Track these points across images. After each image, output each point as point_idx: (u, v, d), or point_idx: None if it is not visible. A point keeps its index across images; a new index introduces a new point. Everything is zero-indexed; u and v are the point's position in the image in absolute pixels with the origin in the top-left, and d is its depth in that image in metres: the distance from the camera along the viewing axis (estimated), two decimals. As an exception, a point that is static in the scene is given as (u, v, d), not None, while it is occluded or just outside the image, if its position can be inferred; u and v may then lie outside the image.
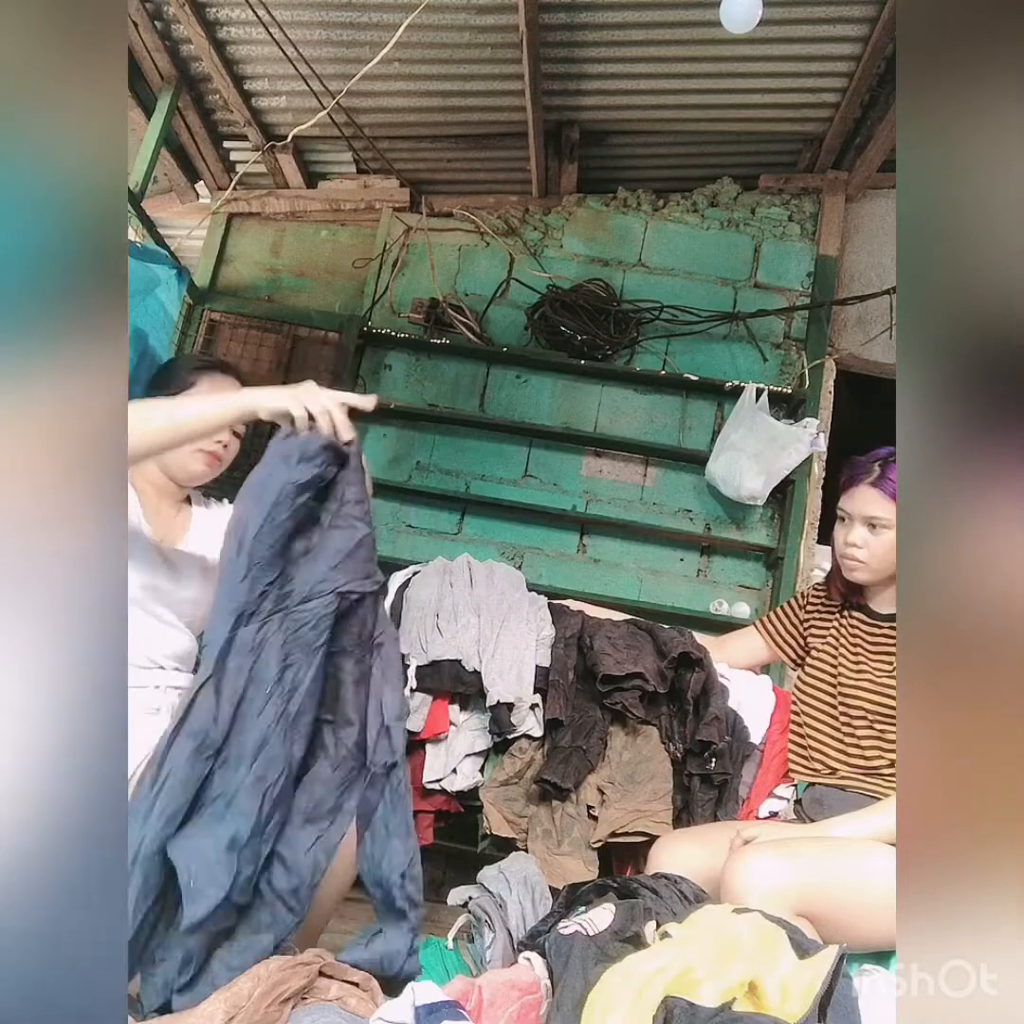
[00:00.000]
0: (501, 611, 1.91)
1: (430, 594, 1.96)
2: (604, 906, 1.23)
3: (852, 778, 1.62)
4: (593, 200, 3.71)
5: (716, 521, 3.45)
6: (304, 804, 1.30)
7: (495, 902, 1.38)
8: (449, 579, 2.03)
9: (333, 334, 3.65)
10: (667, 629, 1.90)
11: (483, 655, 1.81)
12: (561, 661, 1.84)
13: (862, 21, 2.88)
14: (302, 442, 1.33)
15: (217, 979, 1.17)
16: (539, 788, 1.75)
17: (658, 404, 3.53)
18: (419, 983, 1.06)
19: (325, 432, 1.33)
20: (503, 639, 1.85)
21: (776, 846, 1.44)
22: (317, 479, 1.35)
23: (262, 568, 1.30)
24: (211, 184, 3.84)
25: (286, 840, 1.27)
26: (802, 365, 3.46)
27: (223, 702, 1.24)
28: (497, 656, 1.81)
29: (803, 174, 3.65)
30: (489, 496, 3.45)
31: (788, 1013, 0.97)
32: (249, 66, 3.23)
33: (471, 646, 1.82)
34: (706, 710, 1.74)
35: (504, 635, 1.86)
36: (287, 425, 1.36)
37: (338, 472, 1.38)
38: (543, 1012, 1.06)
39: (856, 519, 1.66)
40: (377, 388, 3.58)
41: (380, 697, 1.36)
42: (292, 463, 1.32)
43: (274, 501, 1.31)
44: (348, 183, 3.80)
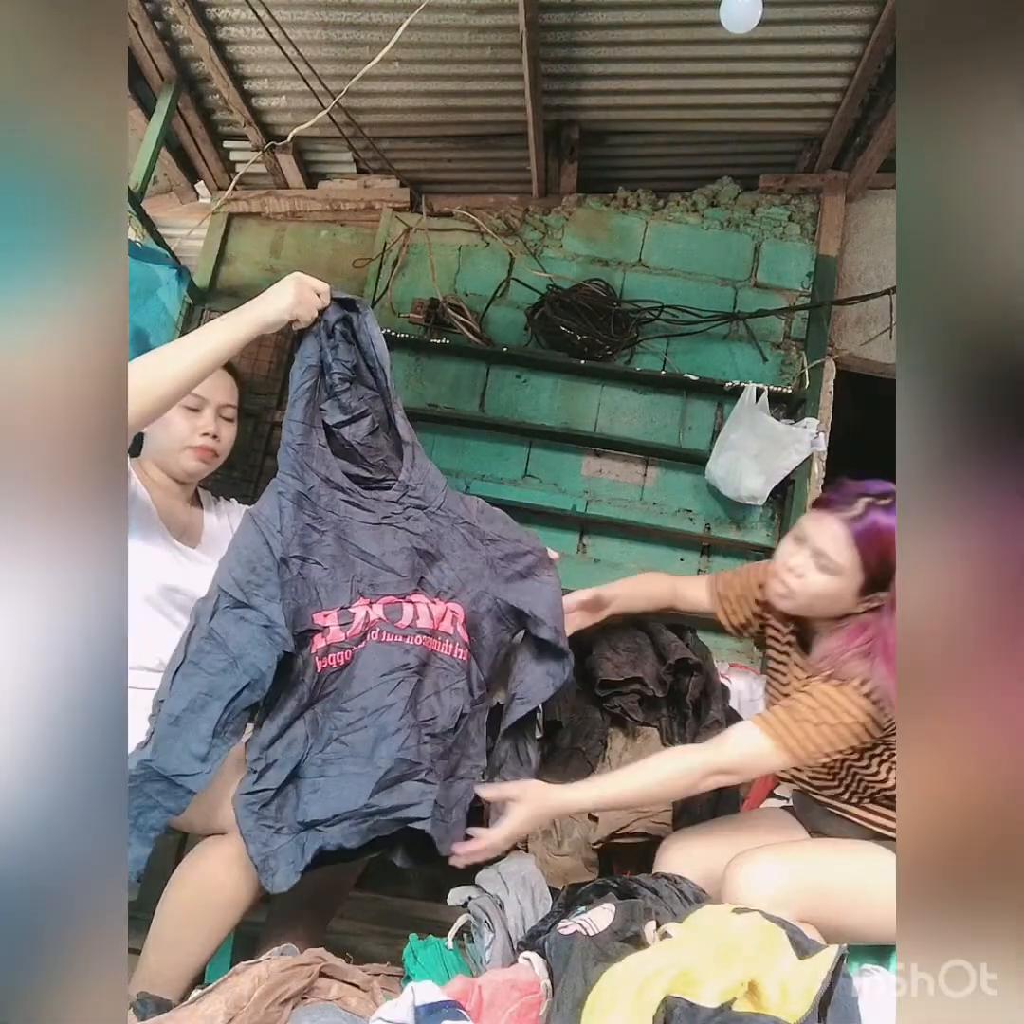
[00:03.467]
0: (501, 611, 1.91)
1: (430, 594, 1.96)
2: (604, 906, 1.23)
3: (819, 791, 1.60)
4: (593, 200, 3.71)
5: (716, 521, 3.45)
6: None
7: (494, 902, 1.38)
8: (449, 579, 2.02)
9: (333, 334, 3.65)
10: (667, 631, 1.89)
11: (483, 655, 1.81)
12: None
13: (862, 21, 2.88)
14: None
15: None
16: (539, 788, 1.75)
17: (658, 404, 3.53)
18: (419, 983, 1.06)
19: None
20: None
21: (776, 852, 1.44)
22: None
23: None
24: (211, 184, 3.84)
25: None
26: (802, 365, 3.46)
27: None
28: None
29: (803, 174, 3.64)
30: (489, 496, 3.41)
31: (788, 1013, 0.97)
32: (249, 66, 3.23)
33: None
34: (707, 712, 1.74)
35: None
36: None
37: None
38: (543, 1012, 1.06)
39: (808, 545, 1.46)
40: (377, 388, 3.58)
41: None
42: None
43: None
44: (348, 183, 3.80)
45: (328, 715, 1.38)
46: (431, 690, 1.44)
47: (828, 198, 3.62)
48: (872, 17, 2.85)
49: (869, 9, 2.83)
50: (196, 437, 1.66)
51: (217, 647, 1.34)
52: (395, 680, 1.39)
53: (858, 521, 1.40)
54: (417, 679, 1.41)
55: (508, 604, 1.60)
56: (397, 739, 1.33)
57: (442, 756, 1.41)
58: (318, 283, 1.52)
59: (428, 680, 1.44)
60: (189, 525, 1.71)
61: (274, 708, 1.39)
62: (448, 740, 1.43)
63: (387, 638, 1.42)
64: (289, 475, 1.48)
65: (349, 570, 1.48)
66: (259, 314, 1.47)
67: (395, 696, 1.37)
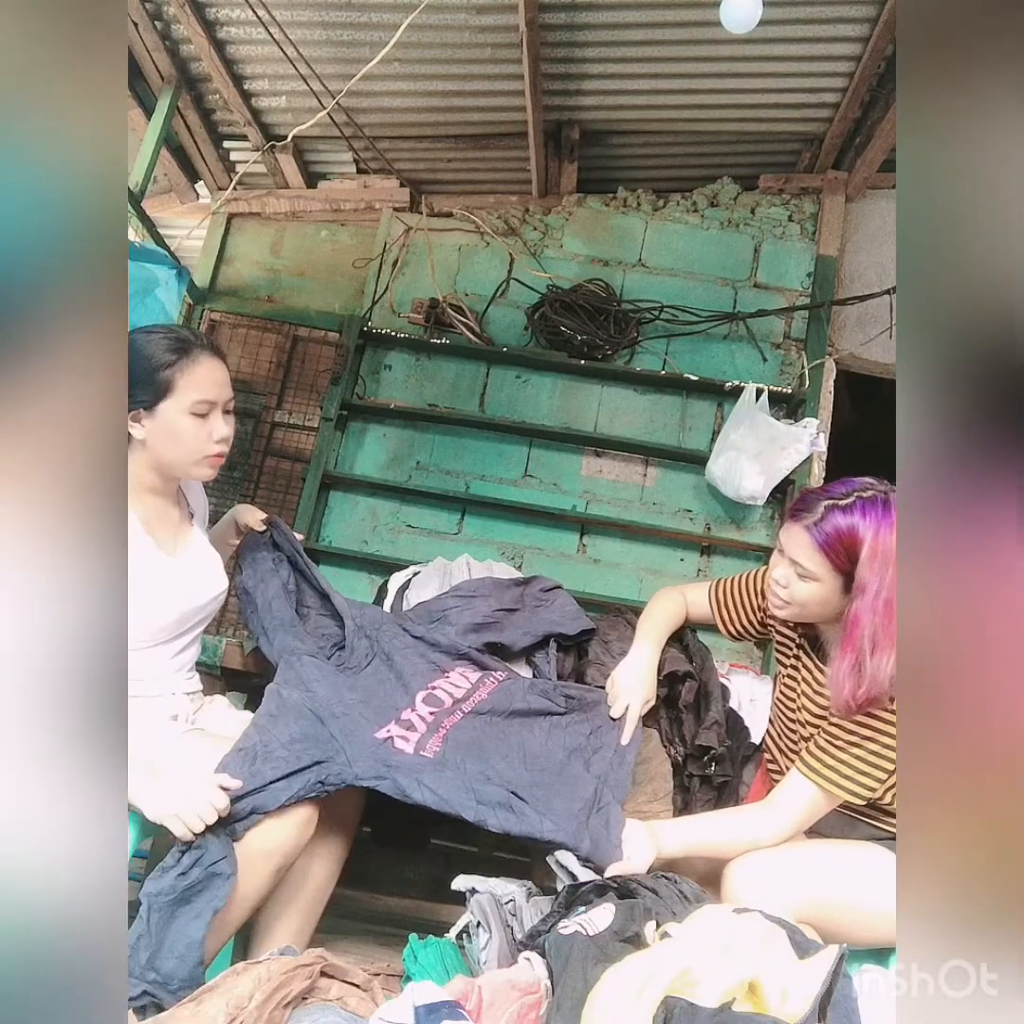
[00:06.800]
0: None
1: (430, 595, 1.96)
2: (604, 906, 1.23)
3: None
4: (593, 200, 3.71)
5: (716, 521, 3.45)
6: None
7: (494, 900, 1.38)
8: (449, 579, 2.03)
9: (333, 334, 3.65)
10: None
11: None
12: (559, 663, 1.84)
13: (862, 21, 2.88)
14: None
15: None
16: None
17: (658, 404, 3.53)
18: (419, 983, 1.06)
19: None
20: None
21: (776, 853, 1.44)
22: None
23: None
24: (211, 184, 3.84)
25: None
26: (802, 365, 3.46)
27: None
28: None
29: (803, 174, 3.65)
30: (489, 496, 3.45)
31: (788, 1013, 0.97)
32: (249, 66, 3.23)
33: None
34: (706, 714, 1.74)
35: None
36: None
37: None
38: (543, 1012, 1.06)
39: (786, 556, 1.49)
40: (377, 388, 3.58)
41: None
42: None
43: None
44: (348, 183, 3.80)
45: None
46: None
47: (828, 198, 3.62)
48: (872, 17, 2.85)
49: (869, 9, 2.83)
50: (211, 445, 1.51)
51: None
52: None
53: (818, 526, 1.42)
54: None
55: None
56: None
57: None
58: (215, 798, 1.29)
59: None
60: (177, 539, 1.62)
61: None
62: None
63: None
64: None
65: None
66: (143, 802, 1.31)
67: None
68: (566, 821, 1.42)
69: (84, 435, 0.84)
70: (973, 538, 0.85)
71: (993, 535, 0.85)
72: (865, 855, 1.47)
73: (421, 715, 1.58)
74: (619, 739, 1.60)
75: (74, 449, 0.84)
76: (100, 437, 0.86)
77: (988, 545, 0.85)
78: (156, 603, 1.52)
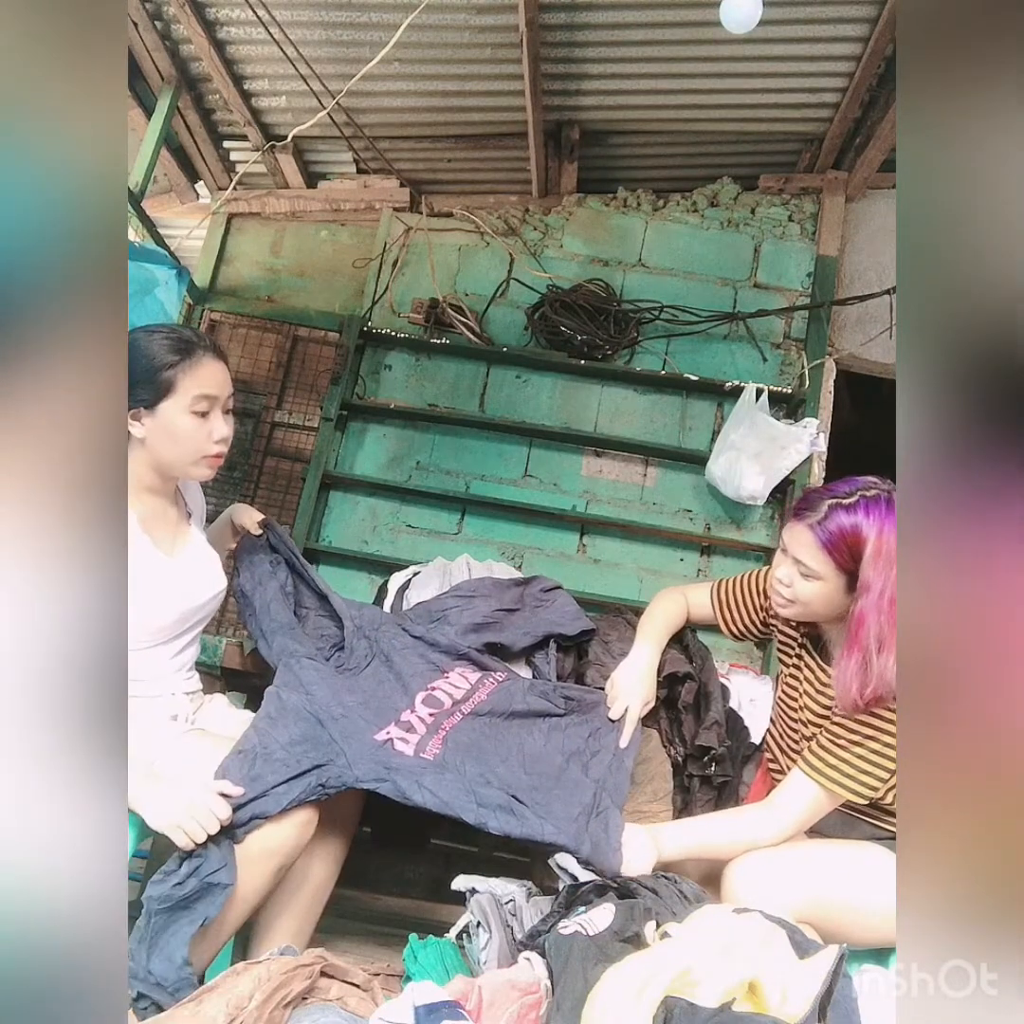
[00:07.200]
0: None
1: (430, 595, 1.96)
2: (604, 906, 1.23)
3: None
4: (593, 200, 3.71)
5: (716, 521, 3.45)
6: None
7: (494, 900, 1.38)
8: (449, 579, 2.03)
9: (333, 334, 3.65)
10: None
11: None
12: (558, 663, 1.84)
13: (862, 21, 2.88)
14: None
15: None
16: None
17: (658, 404, 3.53)
18: (419, 983, 1.06)
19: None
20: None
21: (776, 852, 1.44)
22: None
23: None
24: (211, 184, 3.84)
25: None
26: (802, 365, 3.46)
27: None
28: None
29: (803, 174, 3.65)
30: (489, 496, 3.45)
31: (788, 1013, 0.97)
32: (249, 66, 3.23)
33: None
34: (706, 714, 1.74)
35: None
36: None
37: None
38: (543, 1012, 1.06)
39: (789, 555, 1.50)
40: (377, 388, 3.58)
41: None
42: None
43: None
44: (348, 183, 3.80)
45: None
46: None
47: (828, 198, 3.62)
48: (872, 17, 2.85)
49: (869, 9, 2.83)
50: (211, 445, 1.51)
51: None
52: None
53: (822, 525, 1.43)
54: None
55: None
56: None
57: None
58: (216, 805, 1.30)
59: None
60: (175, 540, 1.61)
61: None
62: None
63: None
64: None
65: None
66: (145, 810, 1.31)
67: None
68: (566, 825, 1.42)
69: (84, 434, 0.84)
70: (973, 538, 0.85)
71: (993, 535, 0.84)
72: (865, 855, 1.47)
73: (421, 716, 1.58)
74: (618, 741, 1.60)
75: (74, 448, 0.84)
76: (100, 436, 0.86)
77: (988, 545, 0.85)
78: (155, 603, 1.52)
